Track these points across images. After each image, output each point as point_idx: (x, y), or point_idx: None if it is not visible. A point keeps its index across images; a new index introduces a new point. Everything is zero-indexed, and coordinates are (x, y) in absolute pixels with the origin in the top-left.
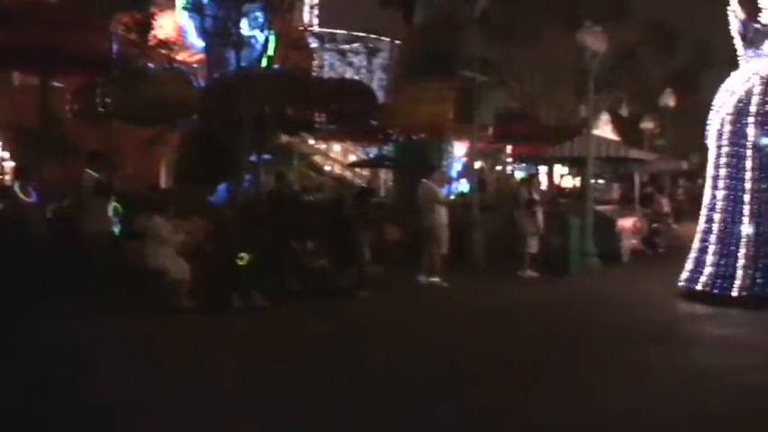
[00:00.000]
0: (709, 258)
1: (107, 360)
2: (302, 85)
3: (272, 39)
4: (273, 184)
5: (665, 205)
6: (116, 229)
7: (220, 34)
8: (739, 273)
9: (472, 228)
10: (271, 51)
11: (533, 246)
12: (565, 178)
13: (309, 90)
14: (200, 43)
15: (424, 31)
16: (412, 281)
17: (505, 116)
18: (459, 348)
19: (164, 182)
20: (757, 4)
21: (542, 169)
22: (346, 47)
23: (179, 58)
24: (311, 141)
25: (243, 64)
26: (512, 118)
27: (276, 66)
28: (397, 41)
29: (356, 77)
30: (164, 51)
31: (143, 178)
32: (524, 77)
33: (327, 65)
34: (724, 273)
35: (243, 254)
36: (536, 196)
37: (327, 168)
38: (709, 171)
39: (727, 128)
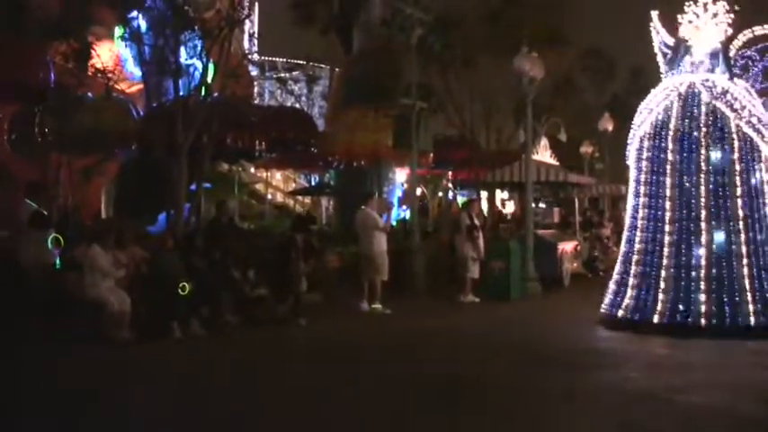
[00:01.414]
0: (630, 284)
1: (44, 394)
2: (241, 113)
3: (210, 67)
4: (214, 214)
5: (608, 228)
6: (56, 261)
7: (159, 63)
8: (660, 299)
9: (413, 254)
10: (209, 79)
11: (474, 271)
12: (506, 203)
13: (249, 118)
14: (138, 72)
15: (362, 59)
16: (353, 308)
17: (445, 142)
18: (394, 373)
19: (104, 212)
20: (677, 21)
21: (483, 194)
22: (286, 75)
23: (118, 87)
24: (252, 170)
25: (181, 92)
26: (451, 144)
27: (215, 94)
28: (337, 69)
29: (296, 105)
30: (102, 80)
31: (83, 208)
32: (463, 104)
33: (267, 92)
34: (645, 299)
35: (184, 283)
36: (477, 221)
37: (269, 197)
38: (630, 193)
39: (647, 147)
